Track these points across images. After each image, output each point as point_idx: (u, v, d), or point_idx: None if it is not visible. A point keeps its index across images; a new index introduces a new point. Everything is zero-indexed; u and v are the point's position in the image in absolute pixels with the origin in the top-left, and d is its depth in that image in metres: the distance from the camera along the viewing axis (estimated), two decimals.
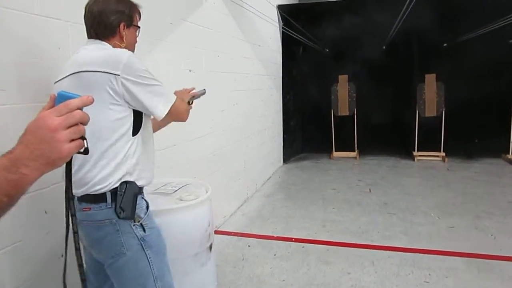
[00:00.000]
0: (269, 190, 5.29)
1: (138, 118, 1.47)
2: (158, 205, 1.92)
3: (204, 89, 2.11)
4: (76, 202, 1.41)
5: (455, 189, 5.05)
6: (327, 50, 7.03)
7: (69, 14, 1.87)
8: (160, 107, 1.46)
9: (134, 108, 1.44)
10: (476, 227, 3.76)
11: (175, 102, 1.51)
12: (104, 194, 1.41)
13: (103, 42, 1.50)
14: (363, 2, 6.56)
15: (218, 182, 3.83)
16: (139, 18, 1.63)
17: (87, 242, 1.52)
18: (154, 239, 1.52)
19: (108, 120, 1.39)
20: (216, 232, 3.72)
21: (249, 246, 3.48)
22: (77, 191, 1.41)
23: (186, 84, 2.28)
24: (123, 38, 1.53)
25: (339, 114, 7.13)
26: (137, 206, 1.47)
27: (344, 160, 7.02)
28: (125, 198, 1.41)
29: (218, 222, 3.89)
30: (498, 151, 6.58)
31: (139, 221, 1.47)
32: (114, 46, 1.51)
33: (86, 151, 0.73)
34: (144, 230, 1.48)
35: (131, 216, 1.43)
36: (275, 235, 3.71)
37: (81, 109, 0.70)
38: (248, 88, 4.81)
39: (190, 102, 1.95)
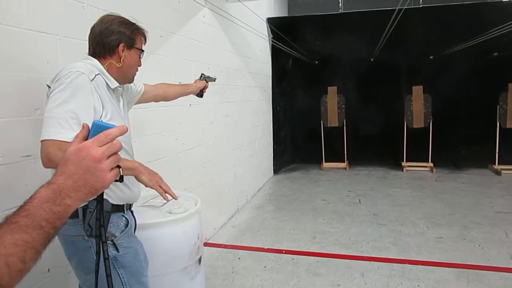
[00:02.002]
0: (260, 201, 5.29)
1: None
2: (146, 218, 1.91)
3: (216, 77, 2.55)
4: None
5: (443, 199, 5.11)
6: (316, 62, 7.11)
7: (59, 28, 1.87)
8: (43, 130, 1.28)
9: None
10: (464, 237, 3.80)
11: (49, 140, 1.25)
12: (76, 210, 1.40)
13: (92, 59, 1.51)
14: (351, 16, 6.68)
15: (208, 194, 3.82)
16: (144, 42, 1.65)
17: (66, 255, 1.51)
18: (129, 259, 1.50)
19: None
20: (206, 244, 3.70)
21: (239, 258, 3.46)
22: None
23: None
24: (121, 58, 1.54)
25: (328, 125, 7.18)
26: (111, 224, 1.45)
27: (334, 170, 7.06)
28: (95, 216, 1.38)
29: (208, 234, 3.86)
30: (485, 161, 6.68)
31: (112, 240, 1.46)
32: (109, 65, 1.52)
33: (121, 179, 0.76)
34: (117, 250, 1.46)
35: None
36: (265, 247, 3.69)
37: None
38: (238, 100, 4.84)
39: (206, 81, 2.41)
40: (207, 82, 2.43)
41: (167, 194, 1.75)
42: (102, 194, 0.83)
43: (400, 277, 3.02)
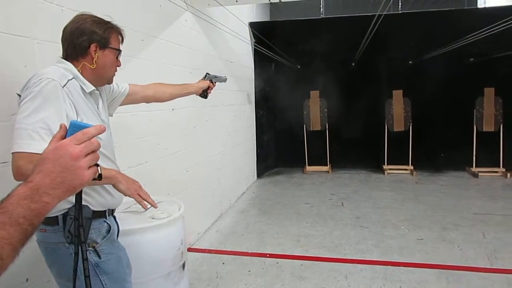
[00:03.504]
0: (243, 205, 5.28)
1: None
2: (129, 224, 1.88)
3: (226, 77, 2.46)
4: None
5: (423, 201, 5.21)
6: (299, 67, 7.17)
7: (37, 32, 1.84)
8: (14, 142, 1.24)
9: None
10: (443, 239, 3.88)
11: (20, 153, 1.22)
12: (56, 217, 1.38)
13: (66, 62, 1.44)
14: (332, 21, 6.78)
15: (191, 198, 3.79)
16: (122, 41, 1.57)
17: (47, 263, 1.48)
18: (112, 265, 1.48)
19: None
20: (190, 249, 3.67)
21: (223, 263, 3.44)
22: None
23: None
24: (93, 59, 1.46)
25: (311, 129, 7.25)
26: (92, 231, 1.43)
27: (317, 174, 7.11)
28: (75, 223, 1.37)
29: (192, 239, 3.83)
30: (462, 164, 6.85)
31: (93, 246, 1.43)
32: (83, 68, 1.46)
33: (100, 177, 0.77)
34: (99, 256, 1.43)
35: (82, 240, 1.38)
36: (249, 251, 3.69)
37: None
38: (221, 104, 4.83)
39: (214, 83, 2.31)
40: (213, 82, 2.33)
41: (146, 203, 1.73)
42: (80, 193, 0.83)
43: (382, 278, 3.06)
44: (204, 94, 2.31)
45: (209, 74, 2.36)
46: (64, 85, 1.33)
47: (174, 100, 2.35)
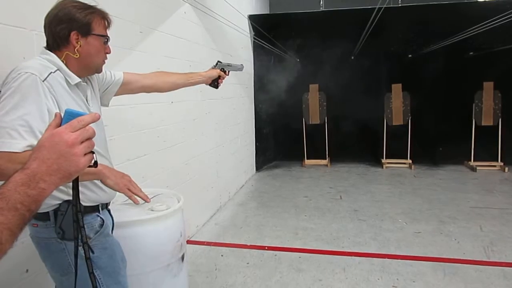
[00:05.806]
0: (242, 198, 5.30)
1: None
2: (128, 216, 1.89)
3: (242, 65, 2.32)
4: None
5: (421, 195, 5.23)
6: (298, 60, 7.15)
7: (35, 23, 1.82)
8: None
9: None
10: (441, 232, 3.90)
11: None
12: (48, 213, 1.37)
13: (49, 53, 1.37)
14: (332, 14, 6.75)
15: (190, 191, 3.81)
16: (108, 26, 1.48)
17: (40, 257, 1.48)
18: (105, 260, 1.47)
19: None
20: (189, 242, 3.69)
21: (222, 255, 3.46)
22: None
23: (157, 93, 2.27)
24: (75, 48, 1.37)
25: (310, 123, 7.25)
26: (84, 226, 1.43)
27: (315, 167, 7.13)
28: (66, 219, 1.35)
29: (190, 231, 3.85)
30: (461, 158, 6.87)
31: (85, 242, 1.43)
32: (67, 58, 1.38)
33: (95, 164, 0.78)
34: (92, 251, 1.40)
35: (72, 237, 1.38)
36: (248, 244, 3.71)
37: None
38: (220, 97, 4.83)
39: (227, 72, 2.15)
40: (225, 71, 2.17)
41: (138, 198, 1.69)
42: (77, 179, 0.85)
43: (380, 271, 3.09)
44: (214, 84, 2.16)
45: (220, 62, 2.20)
46: (45, 79, 1.26)
47: (173, 92, 2.31)
